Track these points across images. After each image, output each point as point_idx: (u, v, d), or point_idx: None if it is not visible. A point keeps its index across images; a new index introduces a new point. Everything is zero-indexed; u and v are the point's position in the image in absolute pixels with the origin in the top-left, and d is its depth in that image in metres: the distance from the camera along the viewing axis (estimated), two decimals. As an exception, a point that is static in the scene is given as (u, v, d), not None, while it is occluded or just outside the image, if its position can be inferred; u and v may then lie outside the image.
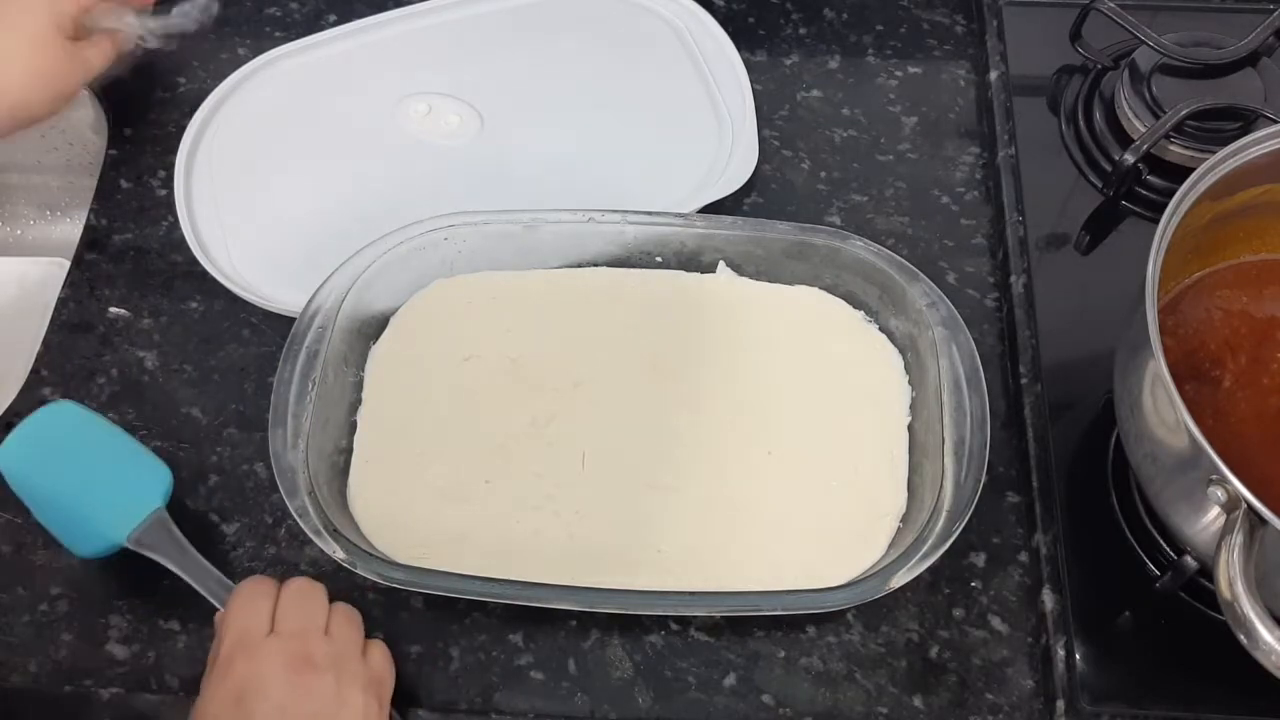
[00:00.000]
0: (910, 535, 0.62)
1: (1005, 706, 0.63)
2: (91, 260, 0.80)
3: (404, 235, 0.71)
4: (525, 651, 0.65)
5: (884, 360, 0.71)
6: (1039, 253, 0.75)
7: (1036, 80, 0.84)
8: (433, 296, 0.73)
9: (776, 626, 0.65)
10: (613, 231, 0.73)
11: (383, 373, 0.71)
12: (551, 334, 0.72)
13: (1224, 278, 0.67)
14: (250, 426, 0.73)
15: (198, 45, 0.87)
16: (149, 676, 0.65)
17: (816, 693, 0.64)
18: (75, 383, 0.75)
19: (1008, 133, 0.81)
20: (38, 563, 0.68)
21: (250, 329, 0.77)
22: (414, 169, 0.81)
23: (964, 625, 0.65)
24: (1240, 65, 0.79)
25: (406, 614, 0.66)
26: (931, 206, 0.81)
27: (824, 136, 0.84)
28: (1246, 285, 0.67)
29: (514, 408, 0.70)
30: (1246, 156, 0.60)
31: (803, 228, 0.73)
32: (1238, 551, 0.49)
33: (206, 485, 0.71)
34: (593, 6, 0.89)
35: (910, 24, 0.91)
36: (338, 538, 0.61)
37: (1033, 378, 0.71)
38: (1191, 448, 0.52)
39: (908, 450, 0.68)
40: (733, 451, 0.68)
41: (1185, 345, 0.64)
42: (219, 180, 0.80)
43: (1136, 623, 0.64)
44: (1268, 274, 0.67)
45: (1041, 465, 0.68)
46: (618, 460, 0.68)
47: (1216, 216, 0.63)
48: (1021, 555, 0.67)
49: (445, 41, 0.87)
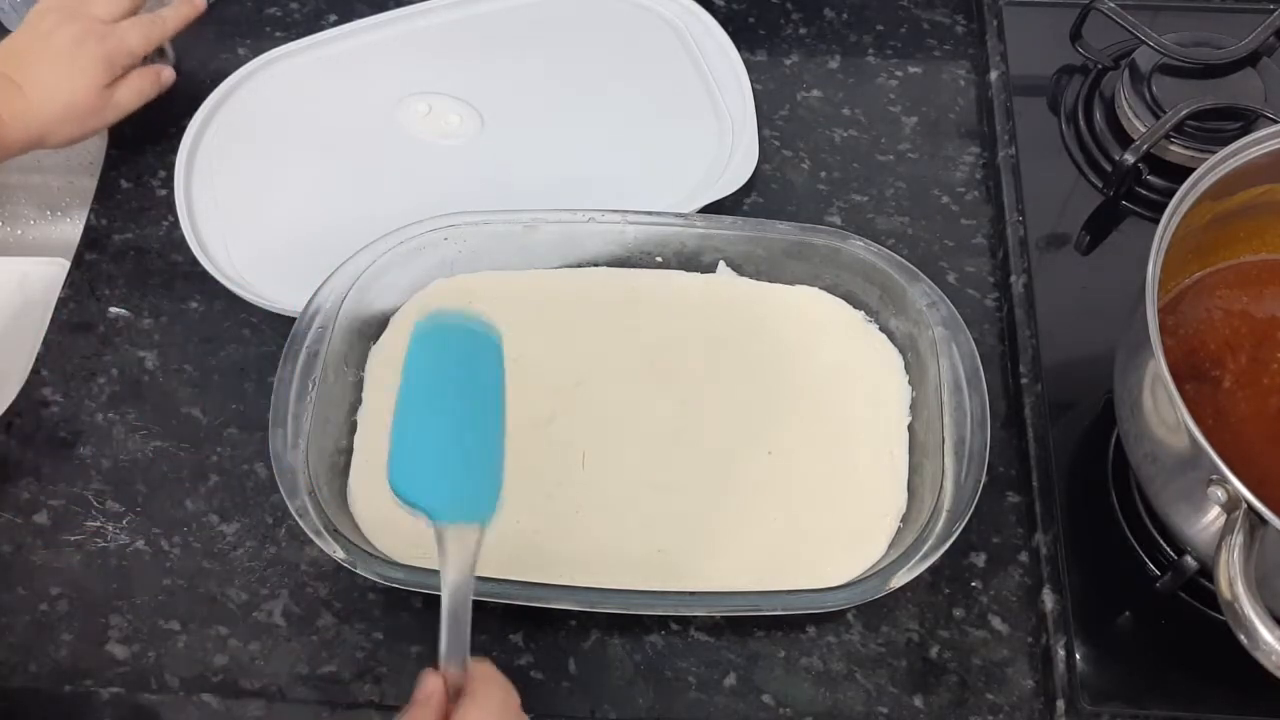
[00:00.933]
0: (910, 535, 0.62)
1: (1005, 706, 0.63)
2: (91, 260, 0.80)
3: (404, 235, 0.71)
4: (525, 651, 0.65)
5: (884, 360, 0.71)
6: (1039, 253, 0.75)
7: (1037, 80, 0.84)
8: (433, 296, 0.73)
9: (776, 626, 0.65)
10: (613, 231, 0.73)
11: (383, 373, 0.71)
12: (551, 334, 0.72)
13: (1224, 278, 0.67)
14: (250, 426, 0.73)
15: (197, 46, 0.87)
16: (149, 676, 0.65)
17: (816, 693, 0.64)
18: (75, 383, 0.75)
19: (1008, 133, 0.81)
20: (38, 563, 0.68)
21: (250, 329, 0.77)
22: (414, 169, 0.81)
23: (964, 625, 0.65)
24: (1240, 65, 0.79)
25: (406, 614, 0.66)
26: (932, 206, 0.81)
27: (824, 136, 0.84)
28: (1247, 285, 0.66)
29: (514, 407, 0.70)
30: (1246, 156, 0.60)
31: (803, 228, 0.73)
32: (1238, 551, 0.49)
33: (206, 485, 0.71)
34: (593, 6, 0.89)
35: (910, 24, 0.91)
36: (338, 538, 0.61)
37: (1033, 378, 0.71)
38: (1192, 448, 0.51)
39: (908, 450, 0.68)
40: (733, 451, 0.68)
41: (1185, 345, 0.64)
42: (219, 180, 0.80)
43: (1136, 623, 0.64)
44: (1268, 274, 0.67)
45: (1041, 465, 0.68)
46: (618, 460, 0.68)
47: (1216, 216, 0.63)
48: (1021, 555, 0.67)
49: (445, 41, 0.87)
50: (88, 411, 0.73)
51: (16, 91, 0.73)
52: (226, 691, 0.64)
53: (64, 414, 0.73)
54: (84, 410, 0.74)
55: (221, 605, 0.67)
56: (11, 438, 0.73)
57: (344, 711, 0.64)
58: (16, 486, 0.71)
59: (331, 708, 0.64)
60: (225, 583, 0.67)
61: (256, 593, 0.67)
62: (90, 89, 0.75)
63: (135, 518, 0.70)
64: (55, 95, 0.74)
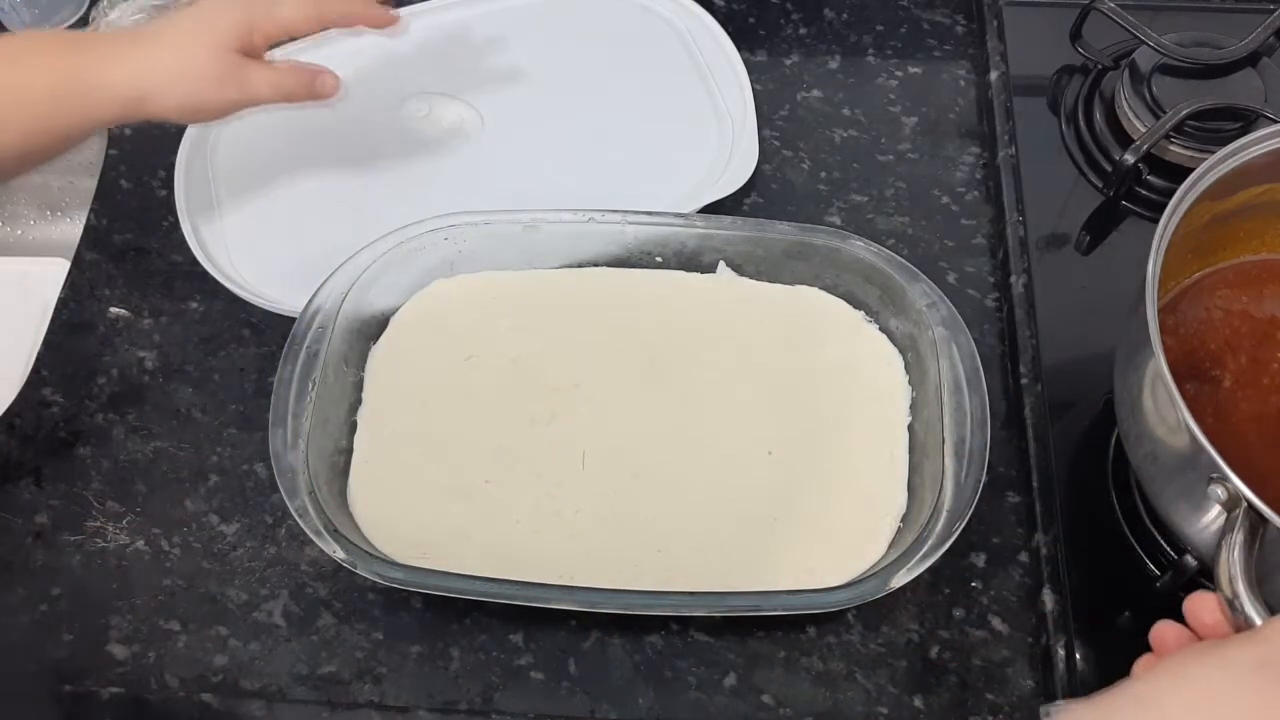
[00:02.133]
0: (910, 535, 0.62)
1: (1005, 707, 0.63)
2: (91, 260, 0.80)
3: (404, 235, 0.71)
4: (525, 651, 0.65)
5: (884, 360, 0.71)
6: (1039, 253, 0.75)
7: (1036, 80, 0.84)
8: (433, 296, 0.73)
9: (776, 626, 0.65)
10: (613, 231, 0.73)
11: (383, 373, 0.71)
12: (551, 334, 0.72)
13: (1224, 278, 0.67)
14: (250, 426, 0.73)
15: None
16: (149, 676, 0.65)
17: (816, 693, 0.64)
18: (75, 383, 0.75)
19: (1008, 133, 0.81)
20: (38, 563, 0.68)
21: (250, 329, 0.77)
22: (414, 169, 0.81)
23: (964, 625, 0.65)
24: (1240, 65, 0.79)
25: (406, 614, 0.66)
26: (932, 206, 0.81)
27: (824, 136, 0.84)
28: (1247, 285, 0.66)
29: (514, 408, 0.70)
30: (1246, 156, 0.60)
31: (803, 228, 0.73)
32: (1238, 550, 0.49)
33: (206, 485, 0.71)
34: (593, 6, 0.89)
35: (910, 24, 0.91)
36: (338, 538, 0.61)
37: (1033, 378, 0.71)
38: (1192, 446, 0.51)
39: (908, 450, 0.68)
40: (733, 451, 0.68)
41: (1185, 345, 0.64)
42: (219, 180, 0.80)
43: (1136, 623, 0.63)
44: (1268, 274, 0.67)
45: (1041, 465, 0.68)
46: (618, 460, 0.68)
47: (1216, 216, 0.63)
48: (1021, 555, 0.67)
49: (445, 41, 0.87)
50: (88, 411, 0.73)
51: (131, 43, 0.65)
52: (226, 691, 0.64)
53: (64, 414, 0.73)
54: (84, 410, 0.74)
55: (221, 605, 0.67)
56: (11, 438, 0.73)
57: (344, 711, 0.64)
58: (16, 486, 0.71)
59: (331, 708, 0.64)
60: (225, 583, 0.67)
61: (256, 593, 0.67)
62: (213, 47, 0.64)
63: (135, 518, 0.70)
64: (170, 46, 0.64)
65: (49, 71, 0.63)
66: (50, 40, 0.70)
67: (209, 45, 0.65)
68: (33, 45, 0.66)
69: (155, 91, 0.64)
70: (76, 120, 0.64)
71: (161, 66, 0.64)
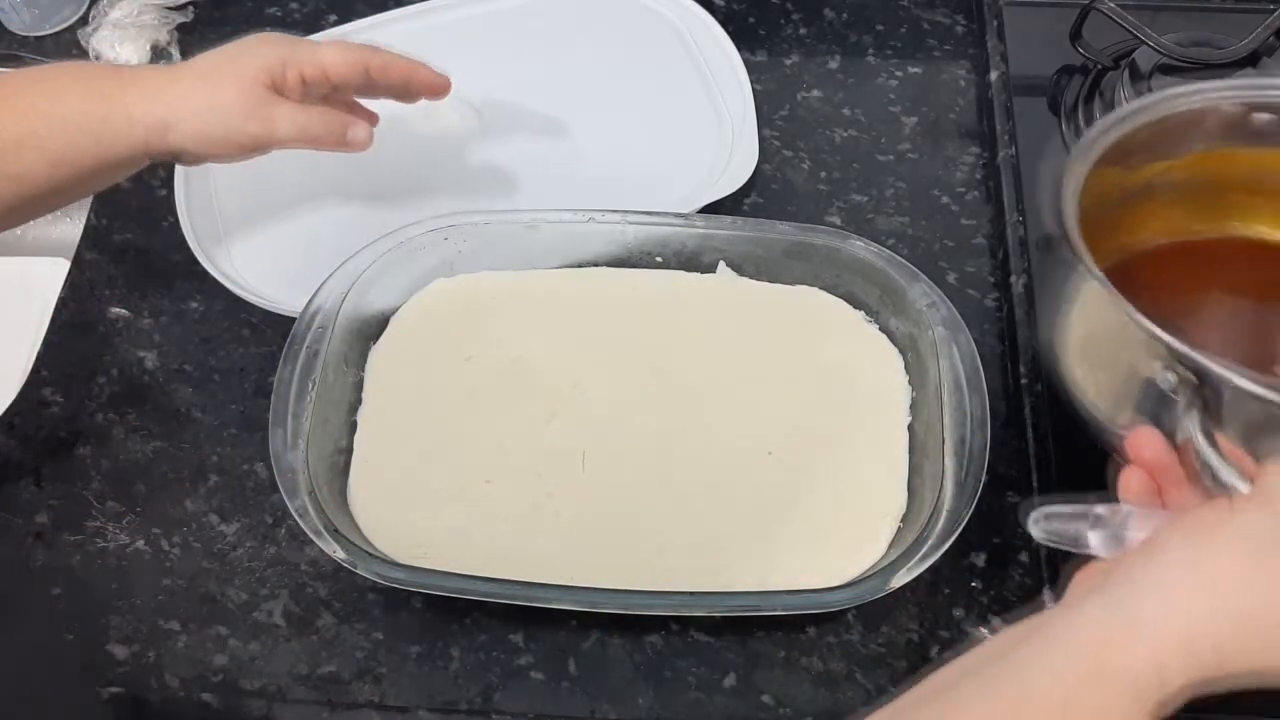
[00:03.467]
0: (910, 535, 0.62)
1: (1005, 706, 0.63)
2: (91, 260, 0.80)
3: (404, 235, 0.71)
4: (525, 651, 0.65)
5: (884, 360, 0.71)
6: (1039, 253, 0.75)
7: (1036, 80, 0.84)
8: (433, 296, 0.73)
9: (776, 626, 0.65)
10: (613, 231, 0.73)
11: (383, 373, 0.71)
12: (551, 334, 0.72)
13: (1145, 263, 0.66)
14: (250, 426, 0.73)
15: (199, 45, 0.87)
16: (149, 676, 0.65)
17: (816, 693, 0.64)
18: (75, 383, 0.75)
19: (1008, 133, 0.81)
20: (38, 563, 0.68)
21: (250, 329, 0.77)
22: (414, 169, 0.81)
23: (964, 625, 0.65)
24: (1240, 65, 0.79)
25: (406, 614, 0.66)
26: (931, 206, 0.81)
27: (824, 136, 0.84)
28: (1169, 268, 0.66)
29: (514, 408, 0.70)
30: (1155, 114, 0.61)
31: (803, 228, 0.73)
32: (1198, 424, 0.49)
33: (206, 485, 0.71)
34: (593, 6, 0.89)
35: (910, 24, 0.91)
36: (338, 538, 0.61)
37: (1033, 378, 0.71)
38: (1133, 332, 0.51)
39: (908, 450, 0.68)
40: (733, 451, 0.68)
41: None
42: (219, 180, 0.80)
43: (1136, 623, 0.63)
44: (1183, 256, 0.67)
45: (1041, 465, 0.68)
46: (618, 460, 0.68)
47: (1126, 193, 0.62)
48: (1022, 555, 0.67)
49: (445, 41, 0.87)
50: (88, 411, 0.73)
51: (165, 73, 0.65)
52: (226, 691, 0.64)
53: (64, 414, 0.73)
54: (84, 410, 0.74)
55: (221, 605, 0.67)
56: (11, 438, 0.73)
57: (344, 711, 0.64)
58: (16, 486, 0.71)
59: (331, 708, 0.64)
60: (225, 583, 0.67)
61: (256, 593, 0.67)
62: (242, 78, 0.64)
63: (135, 518, 0.70)
64: (201, 76, 0.64)
65: (83, 97, 0.63)
66: (90, 69, 0.70)
67: (238, 76, 0.64)
68: (72, 72, 0.67)
69: (179, 119, 0.64)
70: (105, 148, 0.63)
71: (189, 94, 0.64)
